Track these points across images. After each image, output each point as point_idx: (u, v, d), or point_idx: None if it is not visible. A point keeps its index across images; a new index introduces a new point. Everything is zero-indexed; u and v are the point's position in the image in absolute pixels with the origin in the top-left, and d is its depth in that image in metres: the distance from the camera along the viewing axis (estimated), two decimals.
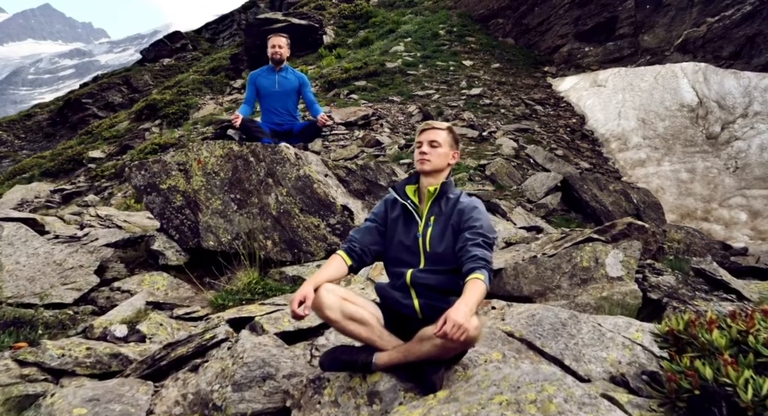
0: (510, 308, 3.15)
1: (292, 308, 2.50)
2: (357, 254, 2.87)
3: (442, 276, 2.71)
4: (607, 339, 2.81)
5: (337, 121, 16.93)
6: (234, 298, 4.10)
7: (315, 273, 2.74)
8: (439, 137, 2.91)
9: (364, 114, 17.26)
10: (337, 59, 22.33)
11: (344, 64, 20.85)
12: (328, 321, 2.64)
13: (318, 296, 2.59)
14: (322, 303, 2.57)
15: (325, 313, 2.58)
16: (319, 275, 2.69)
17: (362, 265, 2.92)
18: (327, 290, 2.61)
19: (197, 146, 4.88)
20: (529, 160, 14.56)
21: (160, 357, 2.98)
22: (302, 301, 2.52)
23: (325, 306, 2.57)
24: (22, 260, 4.33)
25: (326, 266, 2.79)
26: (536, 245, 5.58)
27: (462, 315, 2.22)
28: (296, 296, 2.53)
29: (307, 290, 2.56)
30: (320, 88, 19.76)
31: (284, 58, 5.97)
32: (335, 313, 2.58)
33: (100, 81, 36.89)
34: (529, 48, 23.27)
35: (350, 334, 2.66)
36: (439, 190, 2.86)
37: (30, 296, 4.02)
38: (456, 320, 2.22)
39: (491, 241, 2.66)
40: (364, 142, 16.14)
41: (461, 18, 24.77)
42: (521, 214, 11.01)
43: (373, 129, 16.87)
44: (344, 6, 27.32)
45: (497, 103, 18.31)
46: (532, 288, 5.11)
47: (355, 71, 20.04)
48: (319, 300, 2.58)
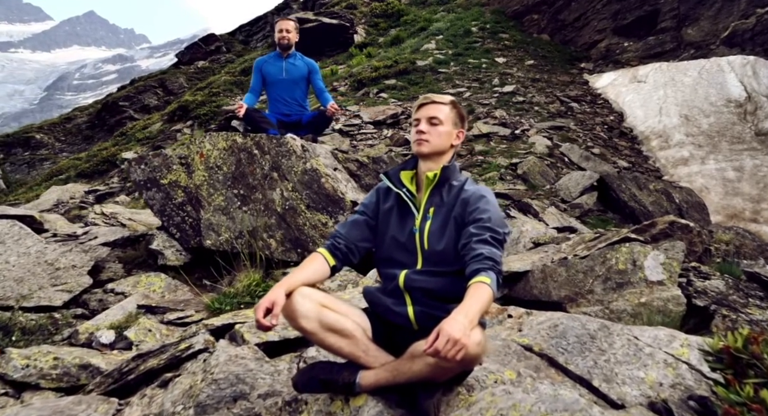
0: (529, 317, 2.69)
1: (257, 318, 2.06)
2: (342, 253, 2.44)
3: (442, 279, 2.28)
4: (646, 356, 2.34)
5: (365, 120, 16.61)
6: (232, 302, 3.77)
7: (288, 275, 2.30)
8: (440, 113, 2.44)
9: (393, 113, 16.88)
10: (367, 58, 22.03)
11: (374, 63, 20.53)
12: (304, 333, 2.21)
13: (291, 302, 2.17)
14: (295, 311, 2.16)
15: (300, 323, 2.16)
16: (293, 277, 2.26)
17: (348, 265, 2.51)
18: (302, 295, 2.18)
19: (200, 139, 4.58)
20: (564, 158, 13.97)
21: (128, 370, 2.61)
22: (270, 308, 2.09)
23: (299, 315, 2.16)
24: (12, 260, 4.09)
25: (303, 265, 2.36)
26: (567, 246, 5.11)
27: (459, 328, 1.79)
28: (262, 303, 2.10)
29: (277, 295, 2.13)
30: (349, 87, 19.47)
31: (292, 43, 5.63)
32: (312, 323, 2.16)
33: (136, 84, 37.49)
34: (565, 44, 22.56)
35: (330, 348, 2.24)
36: (440, 176, 2.40)
37: (16, 299, 3.76)
38: (451, 334, 1.78)
39: (501, 237, 2.21)
40: (393, 141, 15.76)
41: (495, 15, 24.20)
42: (554, 214, 10.47)
43: (402, 128, 16.48)
44: (375, 5, 27.03)
45: (531, 100, 17.72)
46: (561, 293, 4.65)
47: (385, 70, 19.69)
48: (293, 307, 2.16)
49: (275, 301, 2.10)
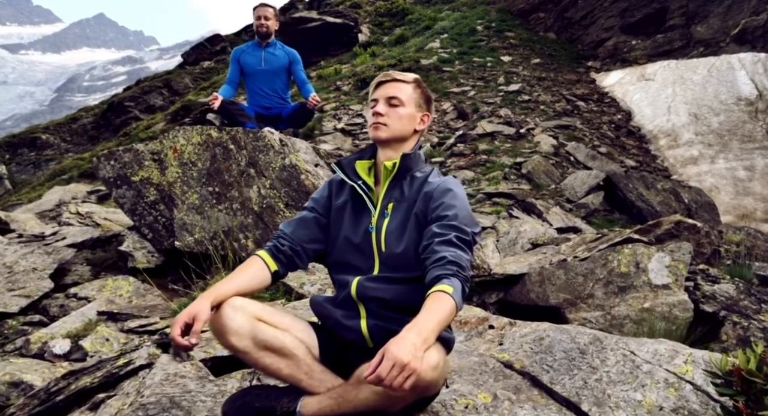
0: (512, 329, 2.37)
1: (172, 336, 1.73)
2: (285, 256, 2.08)
3: (402, 287, 1.94)
4: (644, 374, 2.03)
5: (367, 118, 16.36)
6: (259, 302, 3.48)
7: (217, 283, 1.94)
8: (401, 93, 2.09)
9: None
10: (371, 57, 21.77)
11: (378, 62, 20.27)
12: (234, 352, 1.86)
13: (220, 315, 1.82)
14: (224, 326, 1.81)
15: (229, 340, 1.82)
16: (223, 286, 1.90)
17: (293, 270, 2.13)
18: (233, 307, 1.83)
19: (173, 133, 4.32)
20: (570, 158, 13.64)
21: (56, 390, 2.25)
22: (190, 324, 1.75)
23: (229, 331, 1.80)
24: None
25: (237, 271, 2.00)
26: (567, 248, 4.81)
27: (408, 349, 1.47)
28: (180, 317, 1.76)
29: (199, 308, 1.77)
30: (353, 87, 19.21)
31: (271, 31, 5.32)
32: (244, 340, 1.81)
33: (142, 85, 37.47)
34: (571, 42, 22.21)
35: (266, 370, 1.89)
36: (400, 166, 2.05)
37: None
38: (397, 356, 1.45)
39: (469, 238, 1.88)
40: None
41: (500, 13, 23.88)
42: (558, 214, 10.17)
43: None
44: (380, 4, 26.77)
45: (536, 99, 17.39)
46: (560, 297, 4.36)
47: (389, 68, 19.41)
48: (221, 322, 1.81)
49: (197, 315, 1.76)
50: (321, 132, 15.90)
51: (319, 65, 22.88)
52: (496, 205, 10.67)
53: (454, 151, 13.88)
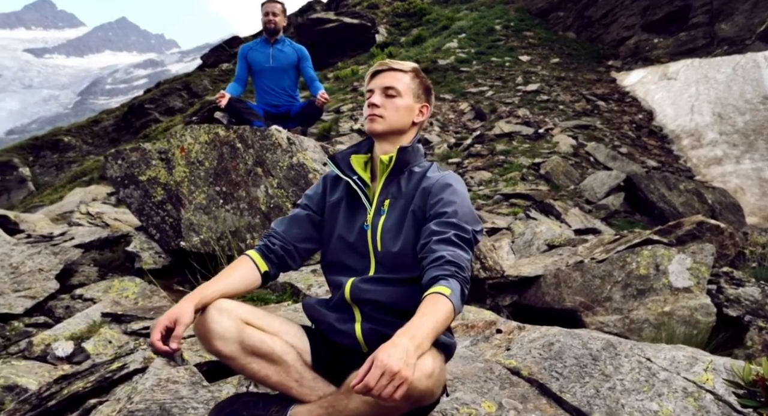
0: (520, 334, 2.24)
1: (151, 341, 1.64)
2: (277, 256, 1.97)
3: (399, 288, 1.82)
4: (660, 382, 1.89)
5: None
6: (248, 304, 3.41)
7: (203, 284, 1.82)
8: (398, 83, 1.96)
9: None
10: (388, 58, 21.68)
11: None
12: (220, 358, 1.74)
13: (205, 319, 1.70)
14: (210, 331, 1.68)
15: (215, 345, 1.69)
16: (209, 287, 1.78)
17: (284, 270, 2.01)
18: (219, 310, 1.71)
19: (180, 132, 4.27)
20: (589, 158, 13.42)
21: (48, 395, 2.18)
22: (171, 328, 1.65)
23: (214, 335, 1.68)
24: None
25: (225, 272, 1.88)
26: (584, 249, 4.67)
27: (399, 356, 1.35)
28: (161, 320, 1.66)
29: (181, 311, 1.66)
30: None
31: (279, 28, 5.24)
32: (230, 345, 1.69)
33: (161, 87, 37.84)
34: (591, 41, 21.91)
35: (254, 377, 1.76)
36: (396, 160, 1.93)
37: None
38: (387, 364, 1.33)
39: (469, 236, 1.76)
40: None
41: (519, 12, 23.65)
42: (577, 215, 9.98)
43: (422, 128, 16.09)
44: (398, 4, 26.69)
45: (555, 99, 17.17)
46: (576, 300, 4.22)
47: None
48: (206, 326, 1.69)
49: (178, 318, 1.65)
50: (337, 133, 15.85)
51: (336, 66, 22.86)
52: (513, 206, 10.52)
53: (471, 151, 13.74)
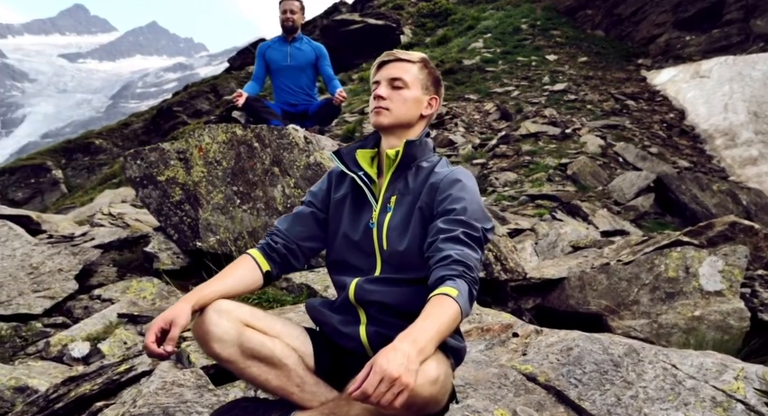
0: (538, 338, 2.12)
1: (145, 343, 1.56)
2: (279, 255, 1.88)
3: (405, 289, 1.73)
4: (687, 391, 1.77)
5: None
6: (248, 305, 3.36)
7: (202, 284, 1.75)
8: (405, 74, 1.88)
9: (438, 113, 16.38)
10: None
11: None
12: (219, 361, 1.67)
13: (203, 320, 1.63)
14: (208, 333, 1.61)
15: (213, 348, 1.62)
16: (207, 287, 1.71)
17: (288, 270, 1.94)
18: (218, 311, 1.64)
19: (198, 132, 4.25)
20: (618, 158, 13.14)
21: (56, 397, 2.14)
22: (167, 330, 1.58)
23: (212, 337, 1.61)
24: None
25: (225, 271, 1.81)
26: (610, 251, 4.52)
27: (399, 361, 1.27)
28: (155, 322, 1.59)
29: (177, 313, 1.59)
30: None
31: (298, 25, 5.19)
32: (229, 348, 1.62)
33: (189, 90, 38.36)
34: (621, 40, 21.50)
35: (254, 381, 1.69)
36: (403, 154, 1.84)
37: None
38: (387, 370, 1.25)
39: (479, 234, 1.67)
40: (437, 142, 15.26)
41: (546, 11, 23.35)
42: (605, 217, 9.76)
43: (446, 129, 15.97)
44: (423, 5, 26.58)
45: (583, 98, 16.89)
46: (601, 303, 4.08)
47: None
48: (204, 328, 1.62)
49: (174, 320, 1.58)
50: (361, 134, 15.83)
51: (361, 67, 22.85)
52: (539, 207, 10.34)
53: (496, 152, 13.57)
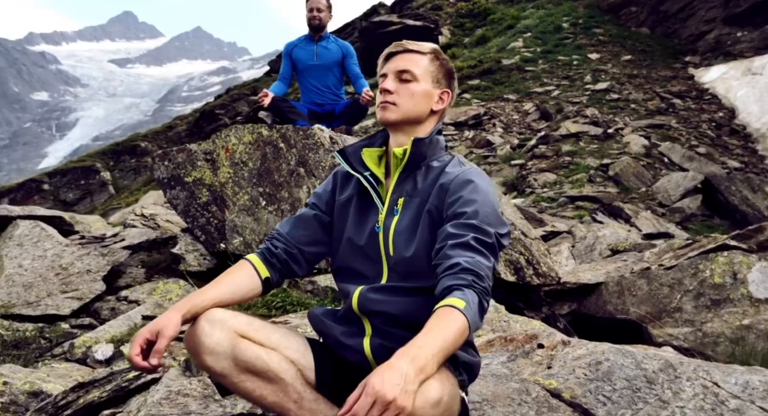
0: (564, 349, 1.95)
1: (129, 356, 1.45)
2: (279, 260, 1.75)
3: (413, 299, 1.59)
4: (730, 412, 1.58)
5: (445, 121, 16.02)
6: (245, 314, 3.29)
7: (196, 292, 1.63)
8: (414, 66, 1.71)
9: (475, 113, 16.19)
10: (451, 59, 21.39)
11: (457, 64, 19.88)
12: (212, 374, 1.57)
13: (195, 331, 1.51)
14: (200, 344, 1.49)
15: (205, 361, 1.50)
16: (198, 296, 1.59)
17: (289, 277, 1.80)
18: (211, 321, 1.51)
19: (225, 132, 4.22)
20: (663, 159, 12.70)
21: (64, 404, 2.08)
22: (153, 341, 1.46)
23: (204, 349, 1.49)
24: (25, 264, 3.82)
25: (220, 278, 1.68)
26: (651, 255, 4.30)
27: (394, 381, 1.15)
28: (141, 333, 1.47)
29: (165, 323, 1.47)
30: None
31: (325, 23, 5.09)
32: (222, 361, 1.50)
33: (231, 93, 39.01)
34: (667, 37, 20.84)
35: (248, 397, 1.57)
36: (411, 153, 1.68)
37: (21, 306, 3.47)
38: (380, 391, 1.13)
39: (492, 240, 1.51)
40: (474, 142, 15.06)
41: (588, 9, 22.83)
42: (649, 219, 9.41)
43: (484, 129, 15.76)
44: (462, 5, 26.35)
45: (627, 97, 16.42)
46: (641, 309, 3.88)
47: (468, 70, 19.02)
48: (196, 339, 1.50)
49: (161, 331, 1.45)
50: None
51: None
52: (579, 209, 10.06)
53: (535, 153, 13.29)
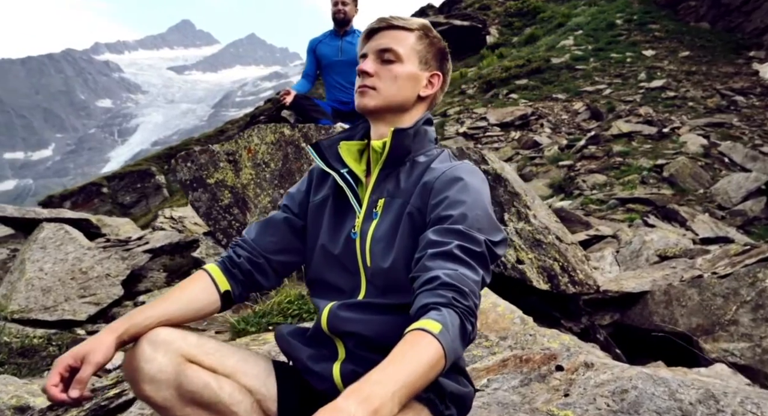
0: (586, 373, 1.66)
1: (45, 387, 1.18)
2: (242, 271, 1.48)
3: (390, 318, 1.31)
4: None
5: (492, 121, 15.65)
6: (259, 321, 3.14)
7: (136, 309, 1.37)
8: (398, 44, 1.43)
9: (522, 114, 15.75)
10: (498, 59, 20.98)
11: (505, 63, 19.47)
12: (152, 406, 1.30)
13: (133, 356, 1.26)
14: (137, 370, 1.24)
15: (144, 390, 1.25)
16: (141, 313, 1.32)
17: (255, 289, 1.54)
18: (153, 342, 1.26)
19: (248, 132, 4.10)
20: (723, 159, 12.00)
21: None
22: (76, 368, 1.20)
23: (143, 377, 1.24)
24: (46, 268, 3.76)
25: (170, 292, 1.42)
26: (704, 261, 3.94)
27: None
28: (62, 359, 1.22)
29: (92, 347, 1.22)
30: (478, 89, 18.60)
31: (350, 17, 4.89)
32: (164, 391, 1.25)
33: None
34: (729, 31, 19.78)
35: None
36: (391, 145, 1.40)
37: (38, 311, 3.40)
38: None
39: (482, 249, 1.24)
40: (520, 143, 14.64)
41: (643, 4, 21.96)
42: (706, 222, 8.85)
43: (531, 129, 15.31)
44: (510, 3, 25.84)
45: (684, 95, 15.64)
46: (691, 321, 3.54)
47: (516, 69, 18.55)
48: (134, 364, 1.25)
49: (86, 356, 1.20)
50: (443, 137, 15.47)
51: None
52: (630, 211, 9.58)
53: (584, 153, 12.79)
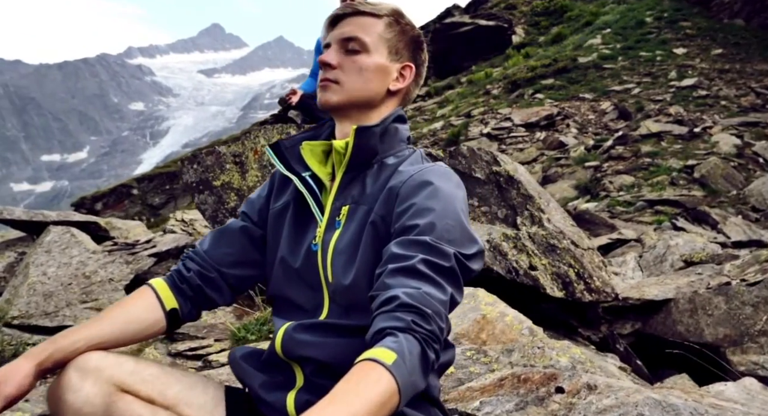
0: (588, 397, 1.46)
1: None
2: (192, 286, 1.32)
3: (350, 341, 1.15)
4: None
5: (516, 122, 15.40)
6: (260, 329, 3.06)
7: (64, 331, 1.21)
8: (364, 32, 1.27)
9: (548, 114, 15.47)
10: (524, 59, 20.67)
11: (531, 63, 19.17)
12: None
13: (58, 384, 1.11)
14: (62, 402, 1.08)
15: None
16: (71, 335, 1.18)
17: (207, 306, 1.36)
18: (81, 369, 1.11)
19: (254, 133, 4.03)
20: (757, 159, 11.60)
21: None
22: None
23: (68, 408, 1.07)
24: (50, 272, 3.69)
25: (109, 310, 1.27)
26: (732, 267, 3.73)
27: None
28: None
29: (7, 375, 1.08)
30: (503, 90, 18.36)
31: None
32: None
33: None
34: (765, 28, 19.18)
35: None
36: (354, 145, 1.24)
37: (39, 317, 3.36)
38: None
39: (451, 263, 1.08)
40: (546, 144, 14.37)
41: (674, 2, 21.44)
42: (739, 225, 8.52)
43: (557, 130, 15.02)
44: (537, 3, 25.48)
45: (716, 94, 15.19)
46: (718, 331, 3.35)
47: (542, 69, 18.26)
48: (59, 394, 1.09)
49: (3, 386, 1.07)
50: (466, 137, 15.29)
51: (470, 70, 22.27)
52: (658, 213, 9.30)
53: (611, 154, 12.48)
